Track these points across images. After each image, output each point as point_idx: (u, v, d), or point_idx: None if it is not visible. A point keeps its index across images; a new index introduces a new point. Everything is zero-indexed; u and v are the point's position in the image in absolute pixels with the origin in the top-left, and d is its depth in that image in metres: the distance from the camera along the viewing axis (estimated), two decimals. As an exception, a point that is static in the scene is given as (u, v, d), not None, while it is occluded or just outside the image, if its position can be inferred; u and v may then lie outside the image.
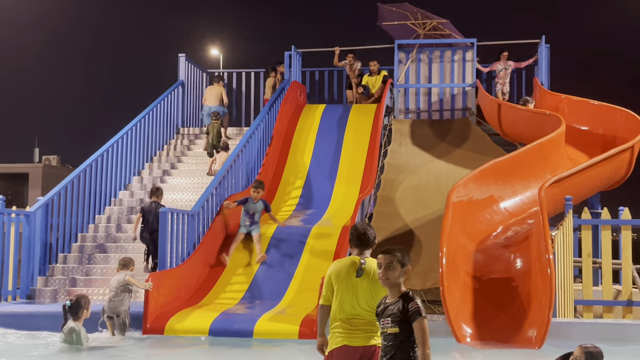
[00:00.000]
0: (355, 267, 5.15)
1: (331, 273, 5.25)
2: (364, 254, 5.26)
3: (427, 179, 13.30)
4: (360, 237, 5.30)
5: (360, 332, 5.10)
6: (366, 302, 5.12)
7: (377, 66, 16.43)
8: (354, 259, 5.22)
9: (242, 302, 10.17)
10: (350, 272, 5.16)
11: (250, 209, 11.47)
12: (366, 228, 5.34)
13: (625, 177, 12.18)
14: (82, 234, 12.60)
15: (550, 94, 14.55)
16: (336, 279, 5.20)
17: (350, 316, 5.12)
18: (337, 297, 5.18)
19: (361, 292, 5.13)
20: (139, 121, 14.62)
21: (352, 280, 5.15)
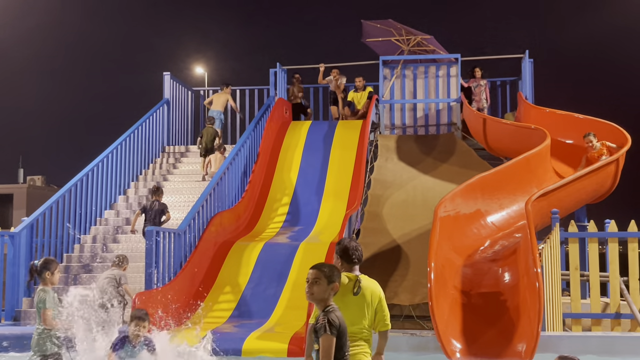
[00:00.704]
0: (352, 284, 5.09)
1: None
2: (355, 271, 5.22)
3: (414, 194, 13.31)
4: (353, 254, 5.25)
5: (352, 350, 5.03)
6: (361, 320, 5.10)
7: (363, 82, 16.48)
8: (349, 276, 5.15)
9: (230, 321, 10.10)
10: (346, 290, 5.07)
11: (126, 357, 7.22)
12: (356, 244, 5.31)
13: (610, 189, 12.24)
14: (68, 254, 12.50)
15: (534, 108, 14.64)
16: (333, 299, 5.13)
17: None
18: None
19: (356, 309, 5.09)
20: (124, 140, 14.56)
21: (348, 298, 5.07)
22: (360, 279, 5.13)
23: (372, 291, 5.16)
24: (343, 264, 5.25)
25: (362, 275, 5.18)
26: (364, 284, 5.12)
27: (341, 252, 5.27)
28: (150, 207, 11.99)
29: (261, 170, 14.30)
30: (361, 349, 5.10)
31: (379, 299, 5.22)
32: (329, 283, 4.66)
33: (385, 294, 10.64)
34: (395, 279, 11.14)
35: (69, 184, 12.83)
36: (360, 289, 5.08)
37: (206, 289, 10.90)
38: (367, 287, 5.14)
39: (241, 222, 12.90)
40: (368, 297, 5.13)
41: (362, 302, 5.10)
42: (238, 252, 11.58)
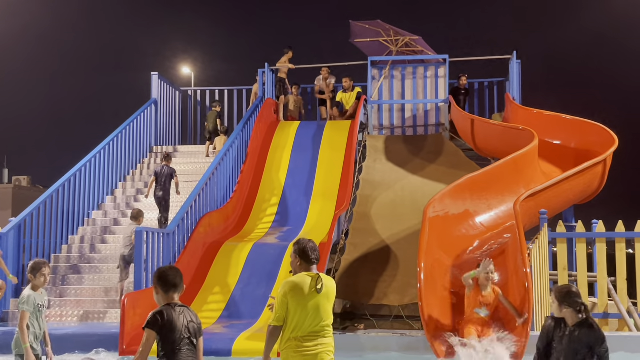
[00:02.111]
0: (313, 283, 5.14)
1: (287, 292, 5.15)
2: (313, 270, 5.25)
3: (403, 195, 13.33)
4: (312, 254, 5.27)
5: (315, 348, 5.12)
6: (322, 317, 5.17)
7: (351, 83, 16.49)
8: (310, 275, 5.20)
9: (219, 321, 10.08)
10: (309, 289, 5.12)
11: None
12: (314, 244, 5.35)
13: (598, 190, 12.31)
14: (55, 255, 12.43)
15: (522, 108, 14.69)
16: (294, 297, 5.13)
17: (306, 333, 5.11)
18: (295, 315, 5.12)
19: (321, 307, 5.15)
20: (111, 140, 14.51)
21: (313, 297, 5.13)
22: (321, 276, 5.19)
23: (331, 289, 5.25)
24: (302, 263, 5.27)
25: (321, 274, 5.23)
26: (325, 282, 5.18)
27: (300, 252, 5.29)
28: (160, 171, 13.12)
29: (250, 170, 14.29)
30: (323, 347, 5.15)
31: (335, 295, 5.34)
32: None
33: (375, 294, 10.81)
34: (384, 280, 11.16)
35: (56, 184, 12.76)
36: (323, 287, 5.14)
37: (195, 290, 10.87)
38: (327, 285, 5.21)
39: (230, 222, 12.88)
40: (330, 294, 5.22)
41: (324, 300, 5.17)
42: (227, 252, 11.56)
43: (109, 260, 12.23)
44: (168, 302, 4.77)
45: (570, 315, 5.19)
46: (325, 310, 5.18)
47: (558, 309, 5.25)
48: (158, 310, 4.72)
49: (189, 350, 4.74)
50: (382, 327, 10.27)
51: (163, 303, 4.77)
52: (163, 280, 4.83)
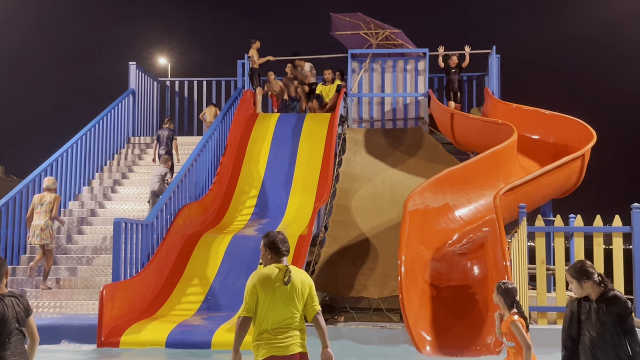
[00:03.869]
0: (281, 275, 5.13)
1: (256, 283, 5.14)
2: (284, 261, 5.25)
3: (382, 188, 13.34)
4: (282, 245, 5.27)
5: (285, 340, 5.11)
6: (290, 310, 5.15)
7: (332, 75, 16.45)
8: (279, 266, 5.19)
9: (198, 313, 10.02)
10: (276, 281, 5.12)
11: None
12: (283, 236, 5.34)
13: (576, 185, 12.39)
14: (32, 246, 12.26)
15: (501, 103, 14.75)
16: (263, 289, 5.11)
17: (276, 325, 5.11)
18: (263, 307, 5.11)
19: (288, 299, 5.14)
20: (88, 130, 14.35)
21: (280, 289, 5.12)
22: (290, 269, 5.17)
23: (302, 281, 5.22)
24: (272, 256, 5.26)
25: (291, 266, 5.23)
26: (293, 274, 5.17)
27: (269, 244, 5.28)
28: (162, 133, 14.56)
29: (229, 162, 14.20)
30: (294, 339, 5.15)
31: (310, 288, 5.28)
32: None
33: (355, 287, 10.81)
34: (364, 272, 11.15)
35: (32, 174, 12.60)
36: (290, 279, 5.13)
37: (174, 281, 10.80)
38: (297, 277, 5.20)
39: (209, 214, 12.80)
40: (298, 287, 5.18)
41: (293, 292, 5.15)
42: (206, 244, 11.49)
43: (86, 252, 12.10)
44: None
45: (591, 288, 5.07)
46: (294, 301, 5.15)
47: (578, 287, 5.13)
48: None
49: (19, 339, 4.83)
50: (362, 320, 10.26)
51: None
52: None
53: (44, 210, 11.22)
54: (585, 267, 5.17)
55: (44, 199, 11.33)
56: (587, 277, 5.08)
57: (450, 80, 16.12)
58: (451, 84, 16.09)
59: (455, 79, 16.09)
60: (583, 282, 5.08)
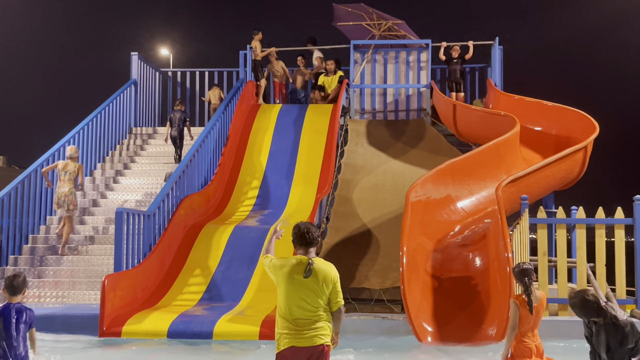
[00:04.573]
0: (303, 267, 5.11)
1: (274, 265, 5.21)
2: (310, 253, 5.22)
3: (384, 179, 13.33)
4: (303, 236, 5.25)
5: (307, 332, 5.10)
6: (312, 303, 5.12)
7: (334, 66, 16.40)
8: (301, 258, 5.17)
9: (200, 304, 10.02)
10: (296, 271, 5.11)
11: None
12: (309, 227, 5.31)
13: (578, 176, 12.37)
14: (33, 236, 12.29)
15: (504, 94, 14.71)
16: (278, 276, 5.16)
17: (296, 317, 5.10)
18: (283, 296, 5.14)
19: (308, 292, 5.11)
20: (90, 120, 14.33)
21: (298, 280, 5.11)
22: (313, 261, 5.13)
23: (325, 274, 5.16)
24: (297, 247, 5.27)
25: (315, 258, 5.19)
26: (316, 266, 5.13)
27: (295, 236, 5.28)
28: (174, 115, 14.97)
29: (231, 153, 14.19)
30: (317, 331, 5.13)
31: (334, 282, 5.22)
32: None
33: (356, 277, 10.81)
34: (365, 263, 11.15)
35: (34, 164, 12.60)
36: (311, 272, 5.10)
37: (176, 272, 10.81)
38: (320, 269, 5.15)
39: (211, 205, 12.80)
40: (320, 280, 5.13)
41: (315, 285, 5.11)
42: (208, 235, 11.49)
43: (88, 242, 12.11)
44: None
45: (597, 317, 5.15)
46: (313, 294, 5.12)
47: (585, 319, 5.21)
48: None
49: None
50: (363, 311, 10.27)
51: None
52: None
53: (68, 178, 11.78)
54: (586, 305, 5.15)
55: (67, 167, 11.85)
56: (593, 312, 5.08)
57: (451, 70, 16.08)
58: (452, 75, 16.06)
59: (457, 69, 16.06)
60: (589, 317, 5.10)
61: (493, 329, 8.40)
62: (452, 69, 16.08)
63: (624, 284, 10.36)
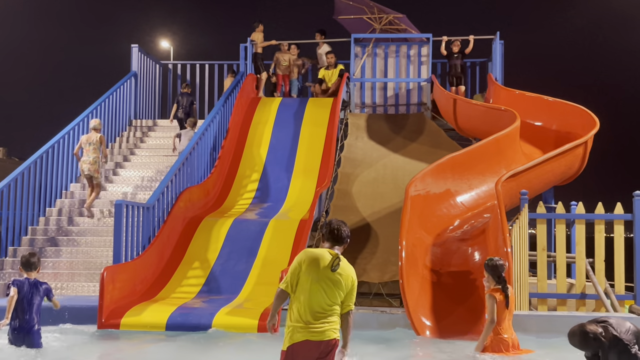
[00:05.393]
0: (331, 261, 5.10)
1: (303, 261, 5.14)
2: (338, 250, 5.23)
3: (384, 173, 13.33)
4: (332, 232, 5.26)
5: (321, 326, 5.08)
6: (331, 297, 5.12)
7: (335, 59, 16.37)
8: (330, 252, 5.16)
9: (199, 296, 10.03)
10: (323, 264, 5.09)
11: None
12: (341, 225, 5.31)
13: (578, 172, 12.37)
14: (33, 227, 12.29)
15: (504, 89, 14.69)
16: (308, 268, 5.10)
17: (314, 310, 5.08)
18: (304, 288, 5.10)
19: (330, 286, 5.11)
20: (90, 113, 14.30)
21: (325, 273, 5.09)
22: (341, 258, 5.15)
23: (348, 274, 5.19)
24: (326, 242, 5.29)
25: (342, 257, 5.20)
26: (343, 264, 5.15)
27: (327, 231, 5.30)
28: (182, 98, 15.74)
29: (231, 146, 14.18)
30: (330, 325, 5.12)
31: (352, 284, 5.24)
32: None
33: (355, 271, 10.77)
34: (364, 257, 11.16)
35: (34, 155, 12.58)
36: (338, 266, 5.09)
37: (175, 264, 10.81)
38: (344, 268, 5.17)
39: (210, 197, 12.80)
40: (343, 278, 5.14)
41: (338, 281, 5.12)
42: (207, 227, 11.49)
43: (87, 233, 12.11)
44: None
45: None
46: (337, 291, 5.12)
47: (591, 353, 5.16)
48: None
49: None
50: (362, 305, 10.28)
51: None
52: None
53: (92, 148, 12.47)
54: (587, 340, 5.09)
55: (90, 138, 12.55)
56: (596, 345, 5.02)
57: (452, 65, 16.07)
58: (453, 69, 16.04)
59: (458, 63, 16.05)
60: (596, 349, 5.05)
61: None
62: (453, 64, 16.07)
63: (623, 279, 10.37)
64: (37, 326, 7.51)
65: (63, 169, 13.34)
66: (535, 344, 8.03)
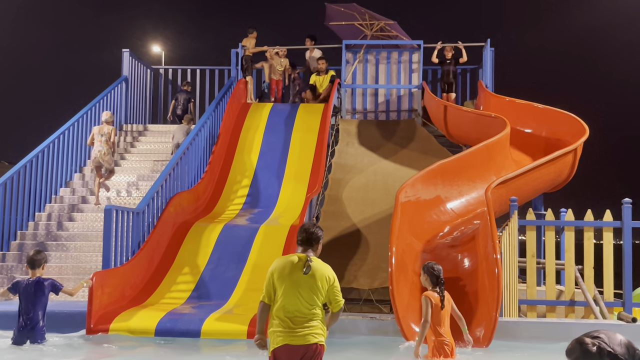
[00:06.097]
0: (301, 264, 5.13)
1: (274, 270, 5.18)
2: (309, 253, 5.25)
3: (374, 179, 13.34)
4: (303, 233, 5.31)
5: (301, 330, 5.09)
6: (308, 300, 5.13)
7: (326, 65, 16.39)
8: (300, 256, 5.20)
9: (188, 302, 9.99)
10: (295, 269, 5.13)
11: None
12: (312, 227, 5.35)
13: (568, 179, 12.42)
14: (22, 232, 12.24)
15: (494, 96, 14.75)
16: (279, 276, 5.14)
17: (291, 314, 5.09)
18: (280, 295, 5.13)
19: (305, 289, 5.12)
20: (80, 117, 14.29)
21: (297, 277, 5.12)
22: (311, 259, 5.17)
23: (322, 274, 5.18)
24: (298, 246, 5.34)
25: (314, 258, 5.22)
26: (314, 264, 5.16)
27: (298, 234, 5.36)
28: (179, 96, 16.22)
29: (221, 151, 14.16)
30: (311, 329, 5.12)
31: (331, 282, 5.22)
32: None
33: (345, 277, 10.81)
34: (354, 263, 11.16)
35: (23, 160, 12.55)
36: (310, 268, 5.11)
37: (164, 270, 10.77)
38: (317, 268, 5.17)
39: (200, 203, 12.77)
40: (318, 278, 5.14)
41: (312, 283, 5.13)
42: (197, 233, 11.46)
43: (76, 238, 12.08)
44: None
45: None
46: (310, 292, 5.12)
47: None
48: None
49: None
50: (352, 311, 10.28)
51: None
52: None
53: (104, 139, 13.14)
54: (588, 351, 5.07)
55: (102, 130, 13.26)
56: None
57: (444, 71, 16.13)
58: (445, 76, 16.10)
59: (450, 70, 16.11)
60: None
61: (480, 330, 8.41)
62: (445, 70, 16.13)
63: (612, 286, 10.40)
64: (42, 322, 7.90)
65: (53, 173, 13.30)
66: (524, 350, 8.05)
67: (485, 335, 8.35)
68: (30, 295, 7.84)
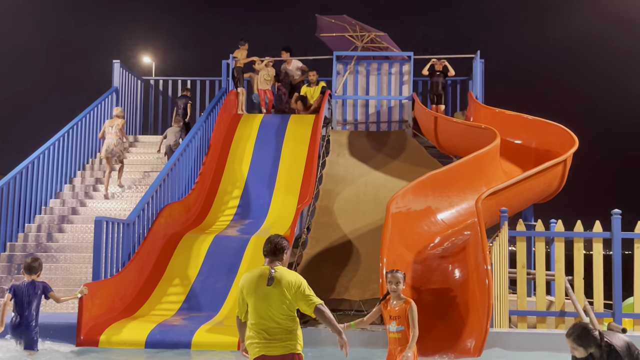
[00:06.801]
0: (265, 276, 5.19)
1: (242, 287, 5.28)
2: (274, 264, 5.32)
3: (365, 190, 13.36)
4: (266, 245, 5.39)
5: (277, 342, 5.14)
6: (278, 311, 5.17)
7: (316, 77, 16.45)
8: (263, 269, 5.28)
9: (179, 314, 9.97)
10: (259, 282, 5.20)
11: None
12: (276, 238, 5.42)
13: (557, 190, 12.47)
14: (11, 243, 12.17)
15: (484, 107, 14.82)
16: (247, 292, 5.23)
17: (266, 327, 5.15)
18: (252, 310, 5.21)
19: (275, 300, 5.17)
20: (71, 128, 14.25)
21: (264, 290, 5.18)
22: (275, 269, 5.23)
23: (289, 282, 5.23)
24: (265, 258, 5.40)
25: (278, 267, 5.28)
26: (278, 274, 5.21)
27: (263, 247, 5.44)
28: (179, 102, 16.30)
29: (212, 162, 14.16)
30: (283, 341, 5.16)
31: (298, 288, 5.24)
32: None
33: (336, 288, 10.81)
34: (346, 274, 11.16)
35: (13, 171, 12.48)
36: (273, 280, 5.17)
37: (155, 281, 10.75)
38: (282, 276, 5.23)
39: (191, 214, 12.76)
40: (284, 286, 5.19)
41: (279, 293, 5.17)
42: (187, 244, 11.45)
43: (66, 250, 12.02)
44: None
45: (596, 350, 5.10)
46: (279, 302, 5.16)
47: (584, 352, 5.13)
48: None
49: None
50: (343, 322, 10.23)
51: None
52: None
53: (115, 131, 13.82)
54: (589, 332, 5.07)
55: (113, 122, 13.98)
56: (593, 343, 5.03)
57: (434, 82, 16.21)
58: (435, 87, 16.17)
59: (440, 81, 16.19)
60: (589, 348, 5.05)
61: (471, 341, 8.41)
62: (435, 81, 16.20)
63: (601, 297, 10.42)
64: (34, 323, 8.20)
65: (43, 184, 13.24)
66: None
67: (476, 345, 8.35)
68: (24, 294, 8.21)
